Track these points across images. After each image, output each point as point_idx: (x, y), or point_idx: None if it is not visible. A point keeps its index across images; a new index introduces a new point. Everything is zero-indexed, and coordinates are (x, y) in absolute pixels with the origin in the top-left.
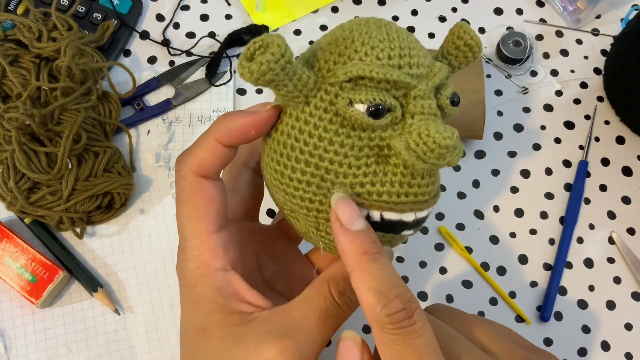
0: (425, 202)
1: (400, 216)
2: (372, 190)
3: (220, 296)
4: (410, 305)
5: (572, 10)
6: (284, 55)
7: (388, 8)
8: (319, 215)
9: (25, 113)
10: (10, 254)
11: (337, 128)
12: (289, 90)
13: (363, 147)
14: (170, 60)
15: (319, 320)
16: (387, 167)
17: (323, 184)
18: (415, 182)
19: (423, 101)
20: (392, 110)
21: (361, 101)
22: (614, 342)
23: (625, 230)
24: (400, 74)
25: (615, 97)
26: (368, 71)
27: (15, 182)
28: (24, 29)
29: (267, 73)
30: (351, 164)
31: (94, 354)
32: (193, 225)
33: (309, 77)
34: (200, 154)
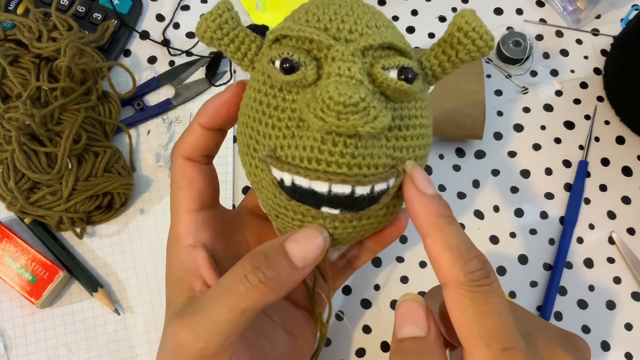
0: (342, 174)
1: (310, 183)
2: (287, 153)
3: (182, 271)
4: (487, 266)
5: (572, 10)
6: (221, 15)
7: (388, 8)
8: (256, 180)
9: (25, 113)
10: (10, 254)
11: (267, 89)
12: (231, 51)
13: (285, 109)
14: (170, 60)
15: (221, 297)
16: (304, 132)
17: (257, 146)
18: (325, 147)
19: (340, 63)
20: (303, 67)
21: (276, 57)
22: (614, 342)
23: (625, 230)
24: (313, 31)
25: (615, 97)
26: (286, 29)
27: (15, 182)
28: (24, 29)
29: (207, 30)
30: (274, 124)
31: (94, 354)
32: (176, 203)
33: (251, 41)
34: (186, 138)
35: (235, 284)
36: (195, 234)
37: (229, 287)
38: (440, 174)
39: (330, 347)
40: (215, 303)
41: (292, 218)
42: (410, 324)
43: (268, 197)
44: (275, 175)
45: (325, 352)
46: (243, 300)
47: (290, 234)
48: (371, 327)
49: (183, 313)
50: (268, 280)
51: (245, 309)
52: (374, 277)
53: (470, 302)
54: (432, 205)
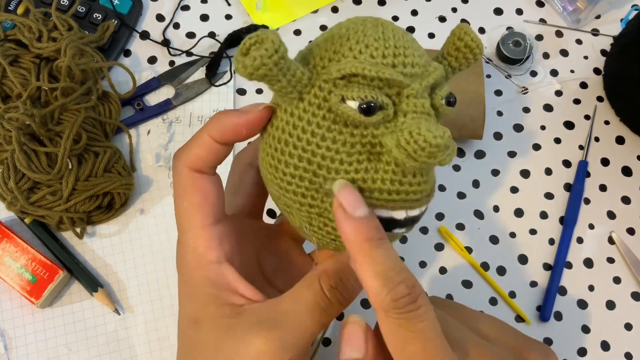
0: (417, 200)
1: (390, 214)
2: (363, 187)
3: (213, 288)
4: (415, 290)
5: (572, 10)
6: (278, 50)
7: (388, 8)
8: (311, 210)
9: (25, 113)
10: (11, 254)
11: (330, 124)
12: (282, 85)
13: (355, 144)
14: (171, 61)
15: (306, 313)
16: (378, 165)
17: (315, 179)
18: (407, 180)
19: (416, 100)
20: (383, 108)
21: (353, 98)
22: (614, 342)
23: (625, 230)
24: (392, 72)
25: (615, 97)
26: (361, 69)
27: (15, 182)
28: (24, 29)
29: (261, 68)
30: (343, 160)
31: (94, 354)
32: (189, 219)
33: (302, 74)
34: (195, 149)
35: (318, 302)
36: (216, 250)
37: (312, 303)
38: (440, 174)
39: (330, 347)
40: (302, 318)
41: None
42: (350, 346)
43: (326, 224)
44: None
45: (325, 352)
46: (325, 316)
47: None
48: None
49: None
50: (344, 299)
51: (325, 324)
52: None
53: (397, 329)
54: (359, 229)
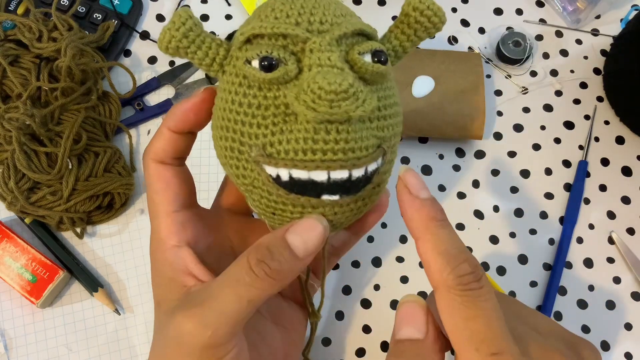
0: (339, 160)
1: (308, 174)
2: (279, 149)
3: (171, 270)
4: (478, 270)
5: (572, 10)
6: (185, 23)
7: (388, 8)
8: (246, 182)
9: (25, 113)
10: (11, 254)
11: (245, 90)
12: (199, 57)
13: (269, 107)
14: (171, 61)
15: (229, 288)
16: (293, 125)
17: (242, 148)
18: (319, 137)
19: (320, 54)
20: (284, 63)
21: (253, 57)
22: (614, 342)
23: (625, 230)
24: (288, 26)
25: (615, 97)
26: (258, 27)
27: (15, 182)
28: (24, 29)
29: (171, 40)
30: (259, 123)
31: (94, 354)
32: (154, 207)
33: (218, 45)
34: (156, 142)
35: (242, 276)
36: (177, 234)
37: (235, 279)
38: (440, 174)
39: (330, 346)
40: (222, 293)
41: (291, 212)
42: (409, 326)
43: (262, 197)
44: (270, 173)
45: (325, 352)
46: (250, 291)
47: (291, 225)
48: (371, 327)
49: (187, 305)
50: (272, 272)
51: (251, 300)
52: (374, 277)
53: (459, 306)
54: (424, 208)
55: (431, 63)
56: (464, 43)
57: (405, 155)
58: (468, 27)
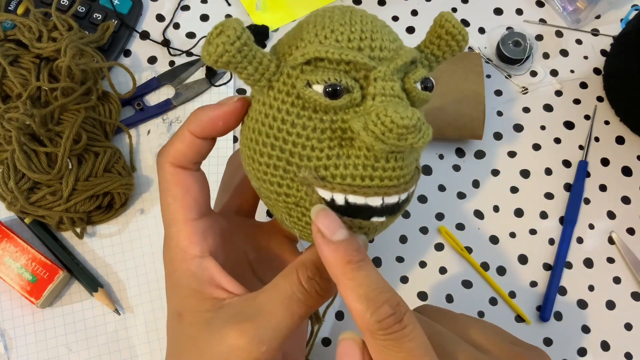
0: (393, 186)
1: (365, 200)
2: (335, 173)
3: (195, 281)
4: (399, 309)
5: (572, 10)
6: (240, 37)
7: (388, 8)
8: (288, 200)
9: (25, 113)
10: (11, 254)
11: (299, 111)
12: (249, 73)
13: (325, 130)
14: (171, 61)
15: (282, 305)
16: (350, 150)
17: (289, 168)
18: (379, 165)
19: (384, 83)
20: (349, 91)
21: (317, 82)
22: (614, 342)
23: (625, 230)
24: (356, 54)
25: (615, 97)
26: (324, 52)
27: (15, 182)
28: (24, 29)
29: (224, 55)
30: (314, 146)
31: (94, 354)
32: (172, 214)
33: (270, 61)
34: (176, 145)
35: (294, 292)
36: (199, 244)
37: (288, 295)
38: (440, 174)
39: (330, 347)
40: (276, 310)
41: None
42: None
43: (304, 215)
44: (324, 196)
45: (326, 352)
46: (302, 307)
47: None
48: None
49: (236, 320)
50: (323, 290)
51: (302, 316)
52: None
53: (384, 350)
54: (338, 252)
55: None
56: None
57: None
58: (468, 27)
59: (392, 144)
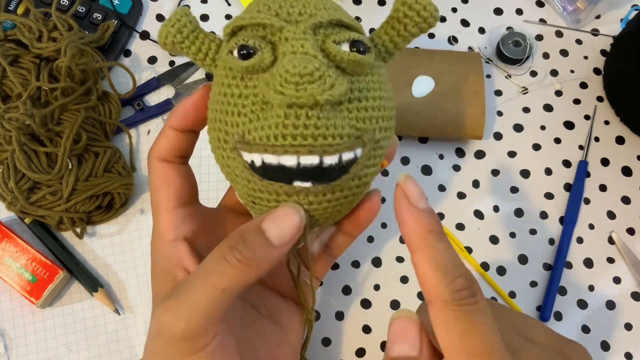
0: (309, 145)
1: (278, 159)
2: (254, 136)
3: (167, 264)
4: (474, 286)
5: (572, 10)
6: (180, 20)
7: (388, 8)
8: (229, 171)
9: (25, 113)
10: (11, 254)
11: (229, 80)
12: (193, 52)
13: (248, 96)
14: (171, 61)
15: (203, 279)
16: (268, 113)
17: (227, 137)
18: (289, 122)
19: (294, 42)
20: (259, 51)
21: (234, 46)
22: (614, 342)
23: (625, 230)
24: (266, 16)
25: (615, 97)
26: (240, 19)
27: (15, 182)
28: (24, 29)
29: (168, 36)
30: (239, 112)
31: (94, 354)
32: (156, 203)
33: (211, 41)
34: (161, 141)
35: (214, 265)
36: (175, 228)
37: (208, 269)
38: (440, 174)
39: (330, 347)
40: (195, 285)
41: (267, 200)
42: (402, 343)
43: (243, 185)
44: (246, 159)
45: (326, 352)
46: (222, 280)
47: (267, 214)
48: (371, 327)
49: (165, 298)
50: (245, 258)
51: (225, 288)
52: (374, 277)
53: (454, 321)
54: (423, 220)
55: (431, 63)
56: (464, 43)
57: (406, 155)
58: (468, 27)
59: (290, 94)
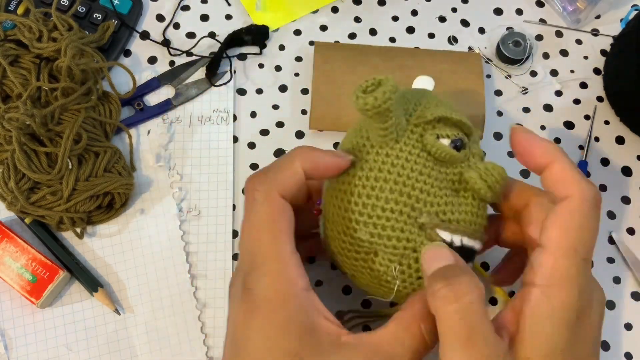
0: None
1: (473, 243)
2: (452, 219)
3: (307, 316)
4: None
5: (572, 10)
6: (397, 90)
7: (388, 8)
8: (408, 246)
9: (25, 113)
10: (11, 254)
11: (424, 162)
12: (389, 124)
13: (443, 180)
14: (171, 61)
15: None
16: (460, 199)
17: (412, 213)
18: (481, 212)
19: (476, 144)
20: (464, 147)
21: (447, 136)
22: (614, 342)
23: (625, 230)
24: (467, 119)
25: (615, 97)
26: (449, 113)
27: (15, 182)
28: (25, 29)
29: (387, 101)
30: (435, 193)
31: (94, 354)
32: (277, 246)
33: (399, 117)
34: (287, 177)
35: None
36: (304, 276)
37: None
38: None
39: None
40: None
41: None
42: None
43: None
44: (444, 238)
45: None
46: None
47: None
48: (371, 327)
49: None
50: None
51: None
52: None
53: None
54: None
55: (431, 63)
56: (464, 43)
57: None
58: (468, 27)
59: (496, 192)
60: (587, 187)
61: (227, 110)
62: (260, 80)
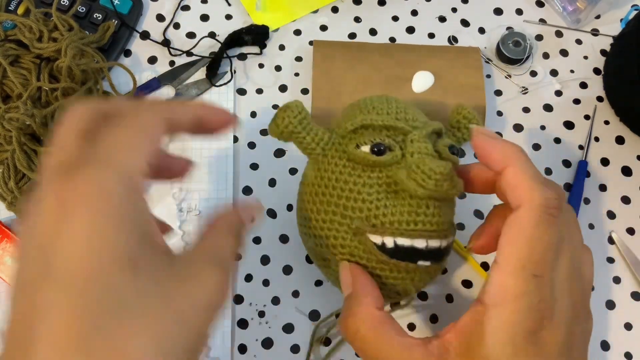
0: (434, 231)
1: (411, 242)
2: (384, 220)
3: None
4: (563, 198)
5: (572, 10)
6: (300, 112)
7: (388, 8)
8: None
9: (25, 113)
10: (11, 254)
11: (350, 171)
12: (307, 142)
13: (373, 185)
14: (171, 61)
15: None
16: (395, 201)
17: (343, 221)
18: (422, 210)
19: (419, 144)
20: (391, 150)
21: (365, 143)
22: (614, 342)
23: (625, 230)
24: (395, 120)
25: (615, 97)
26: (369, 120)
27: (15, 182)
28: (25, 29)
29: (288, 125)
30: (364, 199)
31: None
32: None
33: (323, 133)
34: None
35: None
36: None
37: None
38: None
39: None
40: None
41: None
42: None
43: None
44: (375, 241)
45: (325, 352)
46: None
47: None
48: None
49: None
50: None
51: None
52: None
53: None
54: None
55: (431, 58)
56: (464, 43)
57: None
58: (468, 27)
59: (430, 189)
60: (538, 194)
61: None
62: (260, 80)
